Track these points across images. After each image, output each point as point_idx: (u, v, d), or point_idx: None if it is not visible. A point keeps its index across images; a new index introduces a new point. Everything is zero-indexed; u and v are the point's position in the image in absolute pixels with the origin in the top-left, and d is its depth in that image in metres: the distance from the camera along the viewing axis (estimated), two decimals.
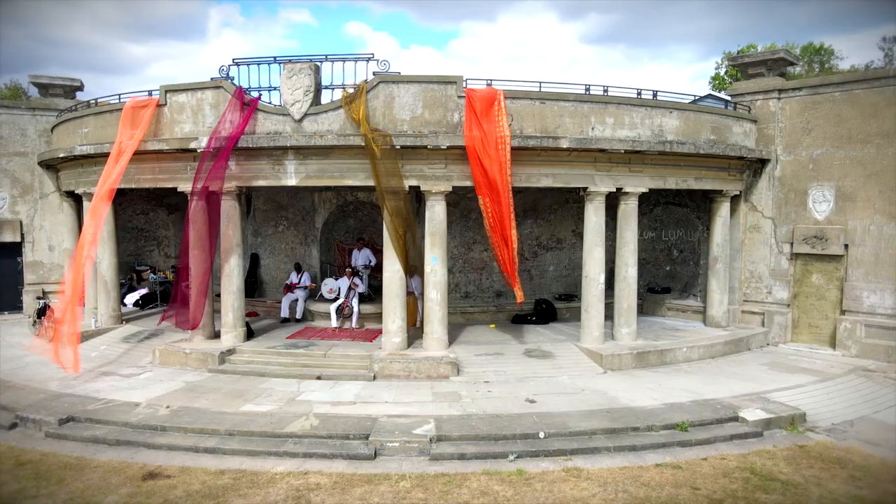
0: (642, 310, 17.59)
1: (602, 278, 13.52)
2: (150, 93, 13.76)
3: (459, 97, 12.31)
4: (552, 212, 17.40)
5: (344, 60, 12.53)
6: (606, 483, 8.04)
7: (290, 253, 17.35)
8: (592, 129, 12.91)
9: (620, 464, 8.70)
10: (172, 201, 20.33)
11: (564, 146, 12.36)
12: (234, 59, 12.87)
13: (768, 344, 15.37)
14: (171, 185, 13.62)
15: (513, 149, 12.04)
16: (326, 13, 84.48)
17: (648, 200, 17.37)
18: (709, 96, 23.45)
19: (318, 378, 11.99)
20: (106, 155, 13.47)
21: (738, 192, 15.64)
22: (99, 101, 14.97)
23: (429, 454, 8.84)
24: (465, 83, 12.39)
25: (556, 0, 76.96)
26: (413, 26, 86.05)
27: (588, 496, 7.70)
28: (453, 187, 12.61)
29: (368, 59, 12.39)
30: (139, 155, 13.20)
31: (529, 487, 7.92)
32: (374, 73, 12.37)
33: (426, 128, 12.28)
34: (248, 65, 12.83)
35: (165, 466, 8.51)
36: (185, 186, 13.30)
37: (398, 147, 11.98)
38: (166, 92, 13.28)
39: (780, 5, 57.88)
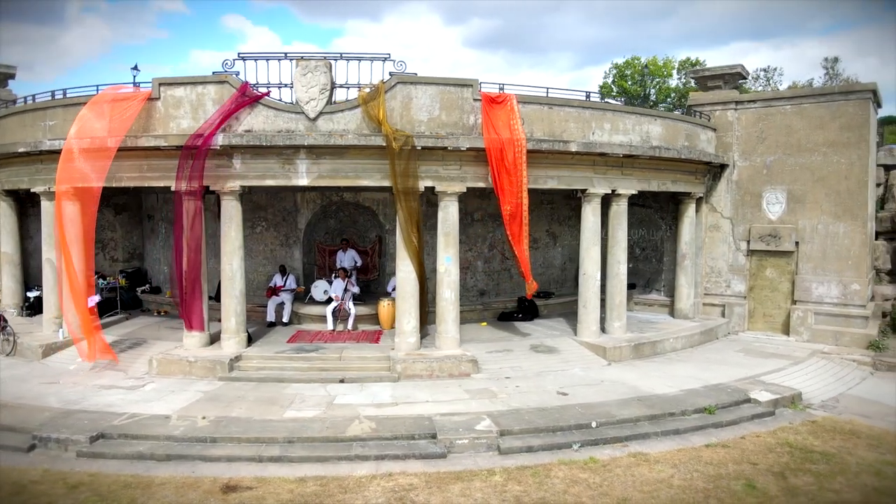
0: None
1: (598, 275, 14.27)
2: (135, 84, 12.89)
3: (475, 100, 12.57)
4: (528, 212, 17.93)
5: (360, 59, 12.37)
6: (676, 465, 8.65)
7: (269, 255, 16.72)
8: (593, 133, 13.61)
9: (673, 447, 9.37)
10: (120, 201, 19.00)
11: (573, 150, 12.95)
12: (239, 54, 12.35)
13: (729, 333, 16.82)
14: (162, 184, 12.79)
15: (527, 151, 12.46)
16: (202, 3, 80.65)
17: (608, 204, 18.38)
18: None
19: (342, 381, 11.79)
20: (83, 151, 12.49)
21: (701, 195, 17.01)
22: (67, 92, 13.74)
23: (497, 449, 9.06)
24: (479, 87, 12.66)
25: (440, 3, 78.48)
26: (296, 23, 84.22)
27: (667, 477, 8.26)
28: (467, 188, 12.84)
29: (385, 60, 12.33)
30: (122, 151, 12.33)
31: (611, 473, 8.36)
32: (390, 74, 12.34)
33: (443, 129, 12.42)
34: (255, 60, 12.33)
35: (238, 478, 8.14)
36: (180, 185, 12.58)
37: (419, 148, 12.04)
38: (160, 85, 12.48)
39: (646, 21, 63.42)
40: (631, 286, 18.69)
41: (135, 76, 18.29)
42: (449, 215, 12.88)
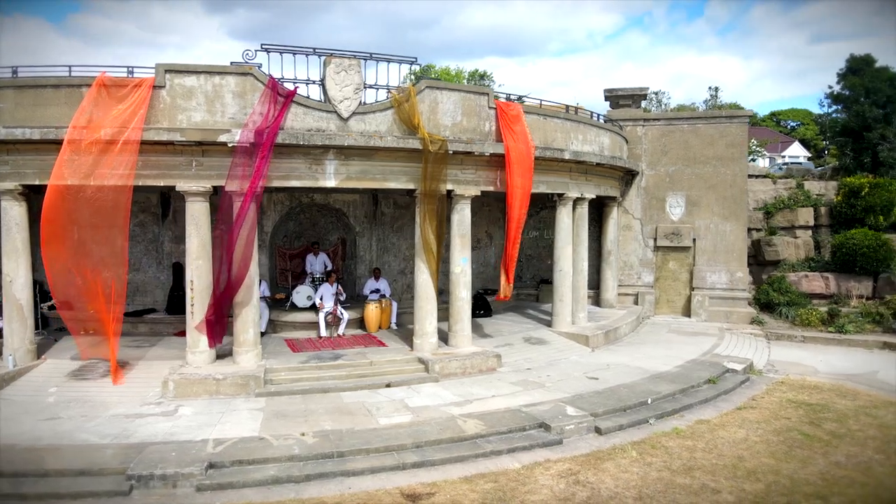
0: (538, 299, 20.40)
1: (571, 272, 15.78)
2: (129, 70, 11.26)
3: (490, 108, 13.23)
4: (473, 214, 18.83)
5: (389, 61, 12.27)
6: (740, 426, 10.40)
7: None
8: (572, 143, 15.07)
9: (716, 413, 11.13)
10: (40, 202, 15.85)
11: (566, 158, 14.27)
12: (262, 45, 11.50)
13: (646, 318, 19.55)
14: (163, 184, 11.39)
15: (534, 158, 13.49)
16: None
17: (535, 204, 20.07)
18: None
19: (388, 385, 11.69)
20: (53, 142, 10.71)
21: (620, 199, 19.49)
22: (18, 71, 11.41)
23: (596, 430, 10.00)
24: (494, 95, 13.35)
25: None
26: None
27: (744, 437, 9.94)
28: (481, 192, 13.44)
29: (412, 63, 12.42)
30: (112, 146, 10.80)
31: (704, 438, 9.81)
32: (417, 78, 12.46)
33: (464, 134, 12.89)
34: (280, 53, 11.59)
35: (407, 487, 8.04)
36: (185, 185, 11.35)
37: (451, 152, 12.37)
38: (166, 72, 11.09)
39: (411, 29, 69.10)
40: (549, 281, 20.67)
41: None
42: (464, 218, 13.38)
